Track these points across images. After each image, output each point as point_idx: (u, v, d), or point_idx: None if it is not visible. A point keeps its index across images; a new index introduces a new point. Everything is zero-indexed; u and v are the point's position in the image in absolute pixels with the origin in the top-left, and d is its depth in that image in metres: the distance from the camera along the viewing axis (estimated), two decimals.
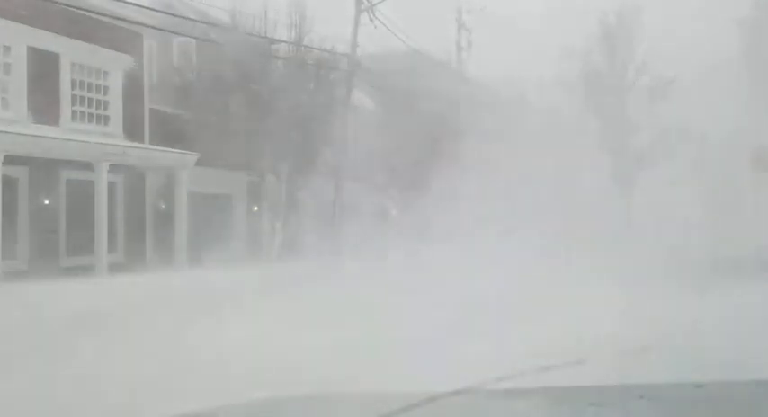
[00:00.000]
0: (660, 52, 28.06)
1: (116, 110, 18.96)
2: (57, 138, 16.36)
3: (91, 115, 18.44)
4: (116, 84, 18.93)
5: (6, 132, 14.98)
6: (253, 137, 22.16)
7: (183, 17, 20.69)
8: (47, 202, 17.04)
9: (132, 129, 19.28)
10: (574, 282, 13.19)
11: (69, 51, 17.71)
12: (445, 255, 21.75)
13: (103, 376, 6.68)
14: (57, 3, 16.87)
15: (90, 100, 18.43)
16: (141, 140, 19.48)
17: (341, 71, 24.61)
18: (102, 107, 18.72)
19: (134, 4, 18.42)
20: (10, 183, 15.55)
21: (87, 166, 16.91)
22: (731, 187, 18.65)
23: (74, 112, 17.95)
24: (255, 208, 24.50)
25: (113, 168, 17.34)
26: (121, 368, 6.97)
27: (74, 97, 17.99)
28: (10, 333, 9.09)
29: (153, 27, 19.63)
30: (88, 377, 6.61)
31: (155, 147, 19.28)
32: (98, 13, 17.87)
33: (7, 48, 16.47)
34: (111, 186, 17.75)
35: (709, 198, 21.72)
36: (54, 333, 9.14)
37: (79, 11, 17.44)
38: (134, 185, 19.31)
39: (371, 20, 25.39)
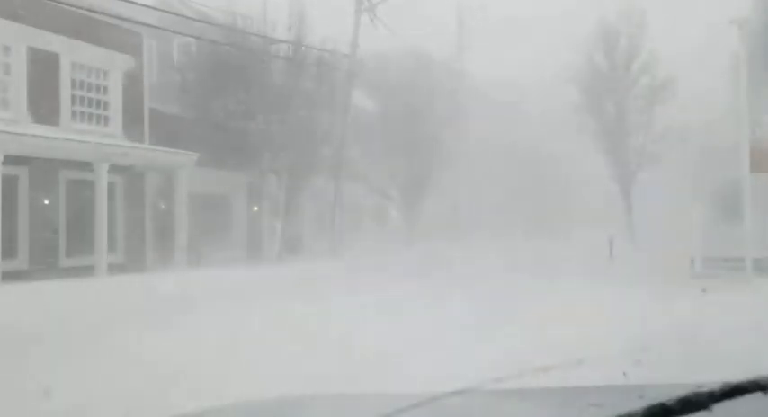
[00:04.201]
0: (662, 52, 28.09)
1: (116, 110, 18.95)
2: (57, 138, 16.35)
3: (91, 115, 18.43)
4: (116, 84, 18.92)
5: (6, 132, 14.97)
6: (253, 137, 22.17)
7: (183, 17, 20.69)
8: (47, 202, 17.02)
9: (132, 129, 19.26)
10: None
11: (69, 51, 17.70)
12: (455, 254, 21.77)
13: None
14: (57, 3, 16.87)
15: (90, 100, 18.42)
16: (141, 140, 19.47)
17: (341, 71, 24.60)
18: (102, 107, 18.71)
19: (135, 3, 18.40)
20: (10, 183, 15.53)
21: (87, 166, 16.90)
22: (730, 187, 18.64)
23: (74, 112, 17.94)
24: (255, 209, 24.52)
25: (113, 168, 17.33)
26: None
27: (74, 97, 17.98)
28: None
29: (153, 27, 19.62)
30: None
31: (154, 147, 19.27)
32: (98, 13, 17.86)
33: (7, 48, 16.46)
34: (111, 186, 17.73)
35: (708, 197, 21.71)
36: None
37: (79, 11, 17.44)
38: (134, 185, 19.30)
39: (372, 20, 25.41)
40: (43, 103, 17.10)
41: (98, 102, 18.62)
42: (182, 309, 11.04)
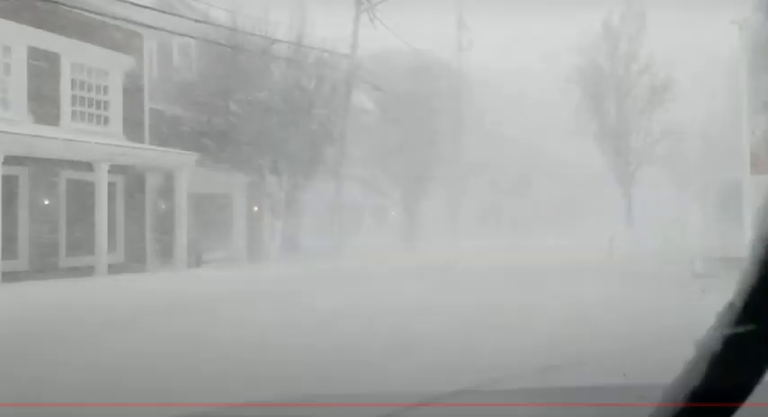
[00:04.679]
0: (662, 53, 28.11)
1: (116, 110, 18.95)
2: (57, 138, 16.34)
3: (91, 115, 18.42)
4: (116, 84, 18.91)
5: (6, 132, 14.97)
6: (253, 137, 22.16)
7: (184, 17, 20.68)
8: (47, 202, 17.02)
9: (132, 130, 19.26)
10: None
11: (69, 51, 17.69)
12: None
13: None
14: (57, 3, 16.86)
15: (90, 100, 18.42)
16: (141, 140, 19.47)
17: (341, 71, 24.60)
18: (103, 107, 18.70)
19: (134, 4, 18.40)
20: (10, 183, 15.53)
21: (87, 166, 16.90)
22: (730, 188, 18.67)
23: (74, 112, 17.94)
24: (255, 209, 24.51)
25: (113, 168, 17.33)
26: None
27: (74, 97, 17.98)
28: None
29: (153, 27, 19.61)
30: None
31: (154, 147, 19.27)
32: (98, 13, 17.85)
33: (7, 48, 16.46)
34: (111, 186, 17.73)
35: (708, 198, 21.74)
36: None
37: (79, 11, 17.43)
38: (134, 185, 19.30)
39: (372, 20, 25.40)
40: (43, 103, 17.10)
41: (98, 103, 18.61)
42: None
